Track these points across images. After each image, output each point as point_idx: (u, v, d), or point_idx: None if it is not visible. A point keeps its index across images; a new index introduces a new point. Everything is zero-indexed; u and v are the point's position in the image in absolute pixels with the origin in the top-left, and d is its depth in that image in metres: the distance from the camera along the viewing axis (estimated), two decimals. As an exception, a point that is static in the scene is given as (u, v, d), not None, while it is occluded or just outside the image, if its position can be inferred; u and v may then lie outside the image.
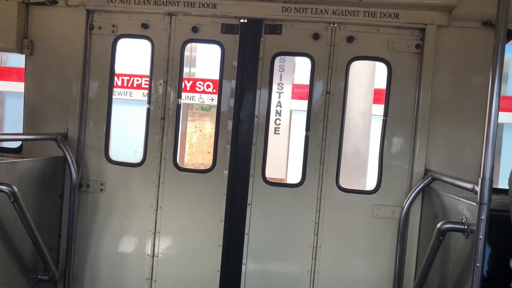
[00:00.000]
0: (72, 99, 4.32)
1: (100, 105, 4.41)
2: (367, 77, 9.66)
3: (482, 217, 2.61)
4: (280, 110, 14.46)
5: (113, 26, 4.34)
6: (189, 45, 4.48)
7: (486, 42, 3.90)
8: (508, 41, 3.78)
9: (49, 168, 4.14)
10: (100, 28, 4.34)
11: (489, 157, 2.56)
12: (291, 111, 14.82)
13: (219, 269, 4.29)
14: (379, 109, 4.44)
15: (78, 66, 4.30)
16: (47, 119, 4.38)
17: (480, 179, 2.59)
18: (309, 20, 4.12)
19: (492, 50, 2.56)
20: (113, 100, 4.47)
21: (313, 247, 4.22)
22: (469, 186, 2.94)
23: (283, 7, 4.10)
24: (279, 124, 14.48)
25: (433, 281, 3.63)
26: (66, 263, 4.22)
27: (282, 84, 14.33)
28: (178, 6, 4.20)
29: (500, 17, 2.55)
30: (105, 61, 4.38)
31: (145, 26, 4.31)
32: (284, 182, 12.44)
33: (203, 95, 15.08)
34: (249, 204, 4.26)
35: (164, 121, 4.33)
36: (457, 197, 3.24)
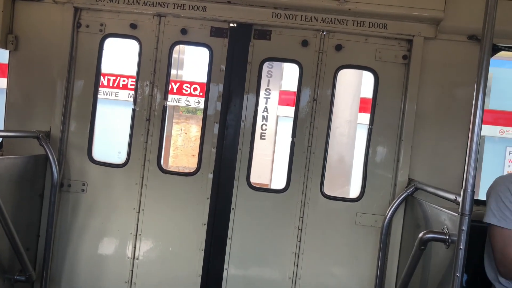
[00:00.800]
0: (56, 97, 4.25)
1: (85, 104, 4.34)
2: (354, 86, 9.75)
3: (463, 228, 2.64)
4: (267, 116, 14.47)
5: (101, 25, 4.29)
6: (177, 47, 4.46)
7: (471, 56, 3.98)
8: (492, 55, 3.86)
9: (29, 167, 4.06)
10: (87, 26, 4.29)
11: (472, 169, 2.59)
12: (277, 117, 14.85)
13: (200, 273, 4.25)
14: (365, 118, 4.48)
15: (64, 64, 4.23)
16: (30, 117, 4.30)
17: (462, 190, 2.62)
18: (298, 27, 4.14)
19: (477, 64, 2.60)
20: (98, 100, 4.41)
21: (296, 253, 4.22)
22: (451, 196, 2.97)
23: (273, 13, 4.11)
24: (265, 129, 14.49)
25: (414, 290, 3.66)
26: (44, 264, 4.12)
27: (270, 89, 14.36)
28: (167, 7, 4.17)
29: (486, 32, 2.59)
30: (92, 60, 4.32)
31: (133, 26, 4.27)
32: (269, 187, 12.45)
33: (189, 98, 15.02)
34: (232, 208, 4.24)
35: (149, 123, 4.28)
36: (439, 207, 3.28)
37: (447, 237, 2.92)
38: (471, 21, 3.88)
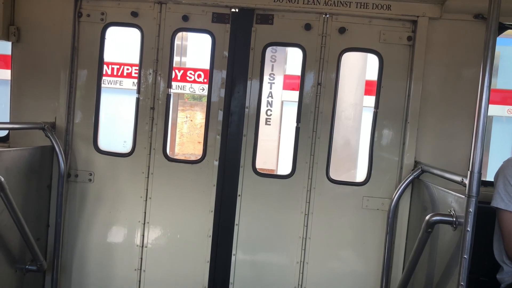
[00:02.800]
0: (60, 88, 4.25)
1: (89, 94, 4.35)
2: (359, 68, 9.65)
3: (470, 210, 2.63)
4: (272, 101, 14.44)
5: (102, 14, 4.27)
6: (180, 34, 4.42)
7: (478, 35, 3.91)
8: (499, 34, 3.79)
9: (36, 158, 4.09)
10: (88, 15, 4.26)
11: (478, 150, 2.57)
12: (282, 102, 14.80)
13: (209, 260, 4.29)
14: (370, 100, 4.44)
15: (66, 55, 4.23)
16: (35, 108, 4.30)
17: (469, 172, 2.60)
18: (301, 10, 4.08)
19: (483, 43, 2.55)
20: (103, 89, 4.41)
21: (303, 238, 4.24)
22: (458, 178, 2.95)
23: None
24: (270, 115, 14.46)
25: (421, 272, 3.66)
26: (54, 253, 4.18)
27: (274, 74, 14.29)
28: None
29: (491, 10, 2.54)
30: (94, 50, 4.30)
31: (134, 14, 4.24)
32: (275, 173, 12.46)
33: (194, 85, 14.99)
34: (239, 195, 4.25)
35: (153, 111, 4.28)
36: (446, 190, 3.26)
37: (454, 219, 2.91)
38: (477, 0, 3.81)
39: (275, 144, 14.54)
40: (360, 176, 4.34)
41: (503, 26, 3.84)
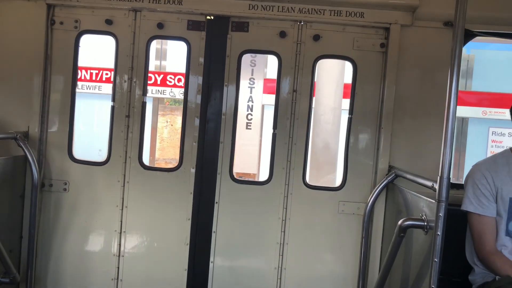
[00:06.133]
0: (33, 96, 4.19)
1: (63, 102, 4.29)
2: (337, 72, 9.73)
3: (440, 214, 2.68)
4: (252, 105, 14.43)
5: (76, 21, 4.22)
6: (158, 38, 4.41)
7: (447, 42, 3.98)
8: (467, 41, 3.90)
9: (8, 168, 4.01)
10: (62, 23, 4.21)
11: (447, 156, 2.63)
12: (263, 105, 14.80)
13: (187, 268, 4.27)
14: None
15: (39, 62, 4.17)
16: (7, 117, 4.22)
17: (438, 178, 2.66)
18: (275, 18, 4.11)
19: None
20: (81, 95, 4.37)
21: (280, 244, 4.26)
22: (429, 183, 3.01)
23: (249, 4, 4.07)
24: (251, 119, 14.44)
25: (396, 275, 3.72)
26: (28, 265, 4.10)
27: (254, 79, 14.28)
28: (143, 2, 4.11)
29: (458, 18, 2.61)
30: (68, 57, 4.25)
31: (109, 22, 4.21)
32: (256, 177, 12.47)
33: (174, 89, 14.89)
34: (216, 202, 4.25)
35: (129, 119, 4.25)
36: (418, 194, 3.32)
37: (425, 223, 2.97)
38: (446, 7, 3.89)
39: (256, 148, 14.54)
40: (340, 179, 4.38)
41: (471, 33, 3.94)
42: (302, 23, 4.16)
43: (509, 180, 3.12)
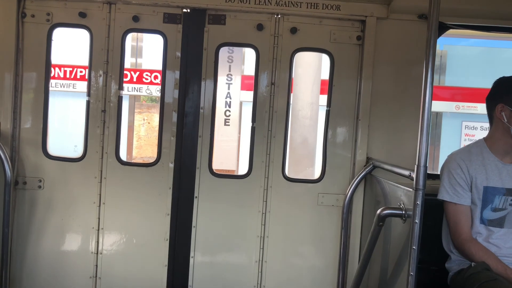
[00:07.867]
0: (4, 92, 4.06)
1: (36, 97, 4.18)
2: (314, 68, 9.80)
3: (418, 202, 2.72)
4: (230, 102, 14.38)
5: (48, 14, 4.11)
6: (134, 35, 4.36)
7: (422, 34, 4.05)
8: (440, 34, 3.97)
9: (-21, 166, 3.88)
10: (33, 16, 4.10)
11: (424, 145, 2.67)
12: (241, 102, 14.78)
13: (166, 263, 4.23)
14: (326, 100, 4.51)
15: (10, 57, 4.04)
16: None
17: (415, 166, 2.70)
18: (252, 10, 4.10)
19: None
20: (55, 93, 4.26)
21: (261, 237, 4.26)
22: (406, 173, 3.06)
23: None
24: (229, 115, 14.40)
25: (375, 264, 3.78)
26: (2, 265, 3.97)
27: (231, 75, 14.24)
28: None
29: (432, 10, 2.65)
30: (41, 51, 4.14)
31: (82, 15, 4.11)
32: (235, 173, 12.46)
33: (150, 86, 14.72)
34: (196, 197, 4.22)
35: (105, 114, 4.17)
36: (396, 184, 3.38)
37: (403, 212, 3.02)
38: (421, 0, 3.96)
39: (235, 144, 14.51)
40: (318, 171, 4.41)
41: (445, 26, 4.02)
42: (279, 16, 4.15)
43: (483, 170, 3.20)
